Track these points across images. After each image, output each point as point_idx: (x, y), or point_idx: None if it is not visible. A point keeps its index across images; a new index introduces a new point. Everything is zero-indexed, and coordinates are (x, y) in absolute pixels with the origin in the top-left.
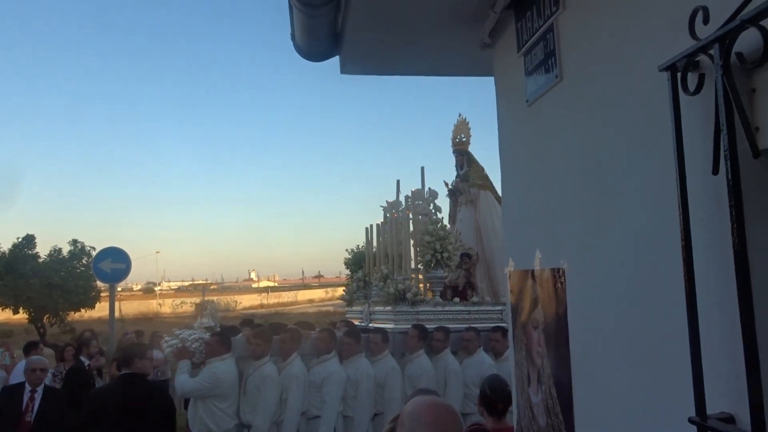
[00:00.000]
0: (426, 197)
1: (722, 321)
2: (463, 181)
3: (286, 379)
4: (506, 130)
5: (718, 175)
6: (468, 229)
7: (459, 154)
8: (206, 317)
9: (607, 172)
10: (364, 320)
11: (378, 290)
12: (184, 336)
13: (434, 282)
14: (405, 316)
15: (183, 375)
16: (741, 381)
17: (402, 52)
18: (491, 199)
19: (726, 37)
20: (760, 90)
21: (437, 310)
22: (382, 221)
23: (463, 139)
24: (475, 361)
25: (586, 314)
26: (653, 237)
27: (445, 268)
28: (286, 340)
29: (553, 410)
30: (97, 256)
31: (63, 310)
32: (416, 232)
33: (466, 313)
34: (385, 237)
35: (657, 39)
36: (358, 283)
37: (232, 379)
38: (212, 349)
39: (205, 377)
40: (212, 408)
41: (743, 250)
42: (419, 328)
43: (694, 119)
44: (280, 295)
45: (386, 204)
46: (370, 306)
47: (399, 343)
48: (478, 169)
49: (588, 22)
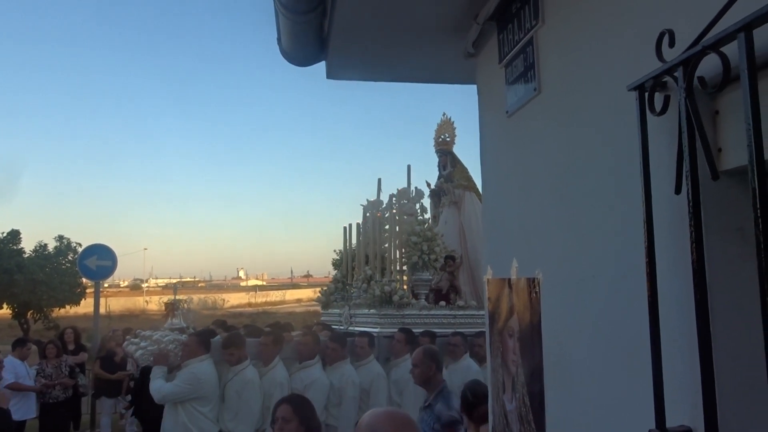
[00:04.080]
0: (412, 197)
1: (682, 336)
2: (447, 181)
3: (269, 386)
4: (487, 139)
5: (681, 194)
6: (451, 231)
7: (442, 154)
8: (177, 317)
9: (580, 187)
10: (343, 323)
11: (360, 292)
12: (158, 338)
13: (420, 284)
14: (391, 320)
15: (159, 380)
16: (699, 395)
17: (387, 59)
18: (476, 201)
19: (689, 62)
20: (723, 112)
21: (423, 313)
22: (362, 220)
23: (447, 138)
24: (462, 366)
25: (559, 325)
26: (621, 252)
27: (431, 271)
28: (267, 344)
29: (526, 418)
30: (82, 253)
31: (47, 307)
32: (401, 233)
33: (452, 317)
34: (366, 237)
35: (628, 58)
36: (336, 284)
37: (213, 381)
38: (190, 350)
39: (184, 379)
40: (194, 412)
41: (701, 268)
42: (406, 332)
43: (660, 138)
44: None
45: (366, 202)
46: (350, 308)
47: (383, 348)
48: (463, 169)
49: (566, 37)
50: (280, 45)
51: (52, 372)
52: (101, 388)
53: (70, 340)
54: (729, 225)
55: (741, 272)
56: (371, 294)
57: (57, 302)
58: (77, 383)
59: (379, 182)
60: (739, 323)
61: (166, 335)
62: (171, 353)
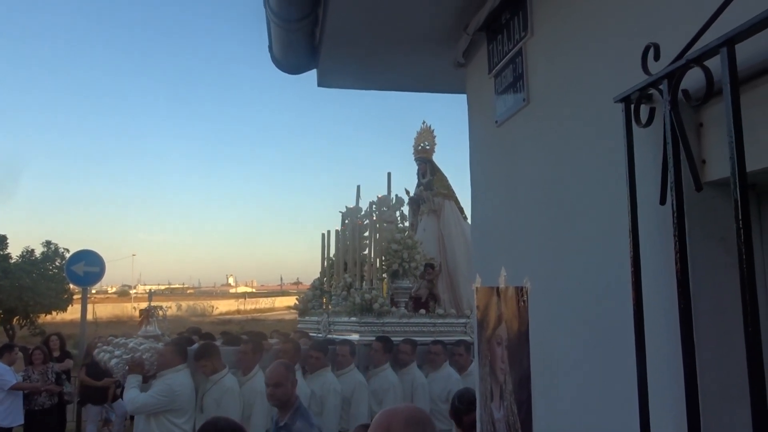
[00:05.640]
0: (392, 204)
1: (667, 344)
2: (427, 189)
3: (249, 395)
4: (476, 148)
5: (666, 204)
6: (430, 239)
7: (422, 162)
8: (152, 325)
9: (568, 197)
10: (322, 331)
11: (339, 300)
12: (134, 345)
13: (400, 292)
14: (371, 328)
15: (133, 389)
16: (683, 402)
17: (378, 68)
18: (455, 209)
19: (673, 75)
20: (707, 125)
21: (403, 322)
22: (341, 227)
23: (426, 146)
24: (442, 375)
25: (546, 333)
26: (607, 261)
27: (411, 279)
28: (246, 352)
29: (514, 426)
30: (70, 258)
31: (33, 313)
32: (381, 240)
33: (432, 325)
34: (345, 244)
35: (615, 71)
36: (315, 291)
37: (189, 392)
38: (166, 360)
39: (159, 390)
40: (167, 424)
41: (685, 277)
42: (384, 340)
43: (646, 149)
44: (258, 301)
45: (345, 209)
46: (329, 316)
47: (363, 356)
48: (442, 178)
49: (554, 49)
50: (271, 53)
51: (38, 378)
52: (87, 396)
53: (56, 347)
54: (712, 235)
55: (724, 281)
56: (351, 301)
57: (43, 308)
58: (62, 390)
59: (358, 189)
60: (722, 331)
61: (141, 343)
62: (146, 362)
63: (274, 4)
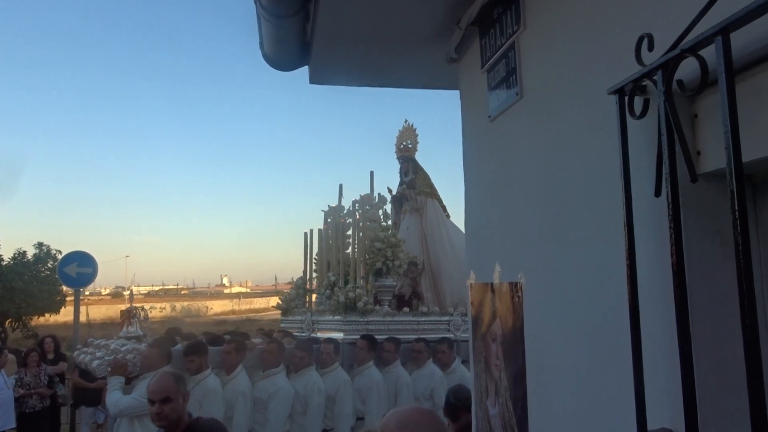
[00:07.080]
0: (375, 203)
1: (663, 338)
2: (410, 188)
3: (231, 395)
4: (470, 143)
5: (661, 197)
6: (413, 238)
7: (404, 161)
8: (134, 325)
9: (562, 190)
10: (305, 330)
11: (323, 299)
12: (116, 347)
13: (383, 291)
14: (355, 326)
15: (116, 392)
16: (680, 396)
17: (370, 64)
18: (438, 208)
19: (667, 65)
20: (702, 116)
21: (387, 320)
22: (324, 226)
23: (409, 145)
24: (425, 373)
25: (541, 329)
26: (602, 255)
27: (394, 277)
28: (230, 352)
29: (509, 423)
30: (62, 260)
31: (26, 315)
32: (365, 239)
33: (416, 323)
34: (328, 242)
35: (608, 62)
36: (298, 290)
37: None
38: (150, 362)
39: (143, 393)
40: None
41: (681, 269)
42: (368, 338)
43: (640, 141)
44: (253, 301)
45: (328, 208)
46: (312, 315)
47: (347, 354)
48: (425, 176)
49: (547, 42)
50: (262, 49)
51: (31, 381)
52: (80, 398)
53: (50, 349)
54: (708, 227)
55: (720, 273)
56: (335, 300)
57: (36, 310)
58: (56, 393)
59: (340, 188)
60: (718, 324)
61: (123, 344)
62: (129, 363)
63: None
